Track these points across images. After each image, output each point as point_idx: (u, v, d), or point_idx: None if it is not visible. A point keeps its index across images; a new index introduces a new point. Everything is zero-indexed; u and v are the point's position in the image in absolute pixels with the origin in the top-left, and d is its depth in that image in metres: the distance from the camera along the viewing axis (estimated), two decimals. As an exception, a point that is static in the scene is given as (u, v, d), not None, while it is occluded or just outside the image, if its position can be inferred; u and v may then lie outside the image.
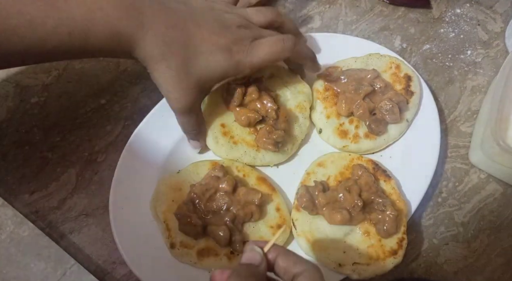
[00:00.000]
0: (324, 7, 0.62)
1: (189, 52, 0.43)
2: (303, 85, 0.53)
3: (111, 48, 0.42)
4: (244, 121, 0.49)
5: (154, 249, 0.47)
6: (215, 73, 0.44)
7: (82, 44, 0.40)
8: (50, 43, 0.39)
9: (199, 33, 0.43)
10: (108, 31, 0.40)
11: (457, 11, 0.62)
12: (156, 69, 0.43)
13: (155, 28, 0.42)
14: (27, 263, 0.46)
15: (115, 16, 0.40)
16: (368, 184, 0.47)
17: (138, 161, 0.50)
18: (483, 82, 0.58)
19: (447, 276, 0.49)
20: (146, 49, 0.42)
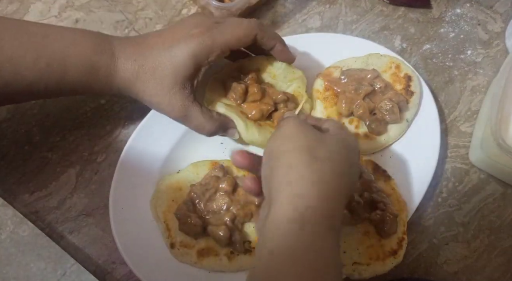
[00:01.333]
0: (324, 7, 0.62)
1: (154, 57, 0.44)
2: (292, 72, 0.51)
3: (90, 82, 0.44)
4: (256, 114, 0.49)
5: (154, 249, 0.47)
6: (184, 61, 0.44)
7: (61, 76, 0.42)
8: (29, 77, 0.41)
9: (160, 38, 0.45)
10: (84, 64, 0.43)
11: (457, 11, 0.62)
12: (137, 90, 0.45)
13: (124, 53, 0.44)
14: (27, 263, 0.46)
15: (89, 50, 0.43)
16: (368, 184, 0.47)
17: (138, 161, 0.50)
18: (483, 82, 0.58)
19: (447, 276, 0.49)
20: (121, 75, 0.44)
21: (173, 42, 0.44)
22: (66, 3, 0.60)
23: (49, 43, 0.42)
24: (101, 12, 0.60)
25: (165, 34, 0.45)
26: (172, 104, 0.45)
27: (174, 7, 0.61)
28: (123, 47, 0.45)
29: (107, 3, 0.61)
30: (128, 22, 0.60)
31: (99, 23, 0.60)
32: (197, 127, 0.46)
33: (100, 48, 0.44)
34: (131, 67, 0.44)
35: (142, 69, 0.44)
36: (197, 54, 0.43)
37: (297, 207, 0.34)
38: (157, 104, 0.45)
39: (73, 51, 0.43)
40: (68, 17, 0.60)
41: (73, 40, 0.43)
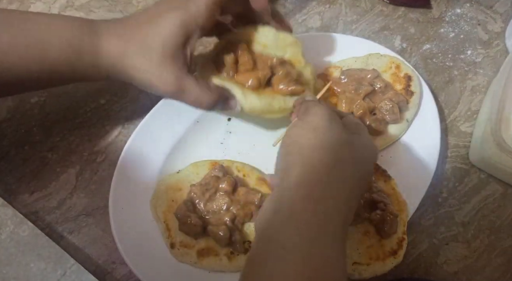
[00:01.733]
0: (324, 7, 0.62)
1: (141, 31, 0.42)
2: (283, 38, 0.48)
3: (74, 62, 0.42)
4: (254, 82, 0.45)
5: (154, 249, 0.47)
6: (173, 30, 0.41)
7: (42, 58, 0.41)
8: (8, 60, 0.40)
9: (146, 13, 0.43)
10: (65, 43, 0.41)
11: (457, 11, 0.62)
12: (126, 67, 0.42)
13: (108, 31, 0.42)
14: (27, 263, 0.46)
15: (70, 29, 0.42)
16: (368, 184, 0.47)
17: (138, 161, 0.50)
18: (483, 82, 0.58)
19: (447, 276, 0.49)
20: (107, 54, 0.42)
21: (160, 14, 0.42)
22: (66, 3, 0.60)
23: (27, 27, 0.41)
24: (101, 12, 0.60)
25: (150, 9, 0.43)
26: (164, 78, 0.42)
27: (174, 7, 0.61)
28: (107, 26, 0.43)
29: (107, 3, 0.61)
30: (128, 22, 0.60)
31: (99, 23, 0.60)
32: (195, 101, 0.44)
33: (82, 27, 0.42)
34: (117, 44, 0.42)
35: (129, 45, 0.42)
36: (184, 20, 0.41)
37: (316, 212, 0.34)
38: (149, 80, 0.42)
39: (53, 32, 0.41)
40: (68, 17, 0.60)
41: (53, 22, 0.42)
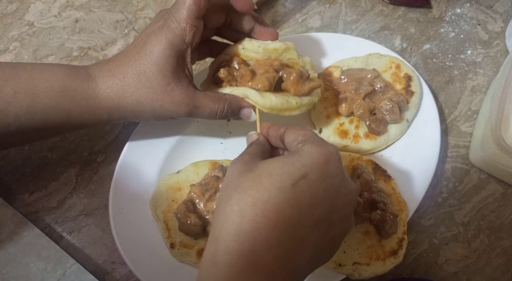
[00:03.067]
0: (324, 7, 0.62)
1: (131, 64, 0.41)
2: (274, 48, 0.45)
3: (67, 107, 0.41)
4: (265, 83, 0.44)
5: (154, 249, 0.47)
6: (164, 54, 0.41)
7: (31, 104, 0.40)
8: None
9: (131, 45, 0.43)
10: (56, 88, 0.40)
11: (457, 11, 0.62)
12: (130, 104, 0.42)
13: (100, 72, 0.42)
14: (27, 263, 0.46)
15: (61, 74, 0.41)
16: (368, 184, 0.47)
17: (138, 161, 0.50)
18: (483, 82, 0.58)
19: (447, 276, 0.49)
20: (105, 96, 0.41)
21: (144, 40, 0.42)
22: (66, 3, 0.60)
23: (16, 73, 0.40)
24: (101, 12, 0.60)
25: (134, 40, 0.43)
26: (176, 101, 0.42)
27: (174, 7, 0.61)
28: (99, 67, 0.42)
29: (107, 2, 0.61)
30: (128, 22, 0.60)
31: (99, 22, 0.60)
32: (210, 114, 0.44)
33: (73, 72, 0.42)
34: (112, 83, 0.41)
35: (125, 82, 0.41)
36: (171, 41, 0.41)
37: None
38: (160, 107, 0.42)
39: (43, 77, 0.40)
40: (68, 17, 0.60)
41: (43, 68, 0.41)
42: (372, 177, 0.48)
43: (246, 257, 0.30)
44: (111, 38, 0.59)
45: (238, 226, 0.31)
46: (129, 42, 0.59)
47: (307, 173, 0.33)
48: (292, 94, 0.45)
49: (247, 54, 0.46)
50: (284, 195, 0.32)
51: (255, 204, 0.31)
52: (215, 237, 0.32)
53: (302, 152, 0.35)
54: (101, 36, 0.59)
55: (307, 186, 0.33)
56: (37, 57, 0.58)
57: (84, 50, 0.58)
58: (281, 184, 0.32)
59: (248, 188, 0.32)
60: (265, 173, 0.33)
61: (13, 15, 0.59)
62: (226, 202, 0.33)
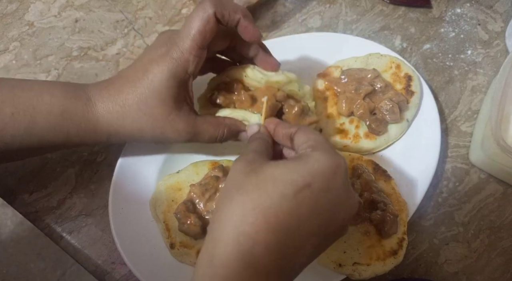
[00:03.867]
0: (324, 7, 0.62)
1: (132, 90, 0.41)
2: (277, 81, 0.45)
3: (66, 130, 0.41)
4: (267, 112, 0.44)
5: (153, 249, 0.47)
6: (165, 84, 0.40)
7: (29, 126, 0.40)
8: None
9: (132, 68, 0.42)
10: (55, 111, 0.40)
11: (457, 11, 0.62)
12: (130, 131, 0.42)
13: (100, 96, 0.41)
14: (27, 263, 0.46)
15: (60, 96, 0.41)
16: (368, 184, 0.47)
17: (138, 161, 0.50)
18: (483, 82, 0.58)
19: (447, 276, 0.49)
20: (105, 121, 0.41)
21: (146, 67, 0.41)
22: (66, 3, 0.60)
23: (15, 93, 0.40)
24: (101, 12, 0.60)
25: (136, 63, 0.42)
26: (177, 130, 0.42)
27: (174, 7, 0.61)
28: (98, 90, 0.42)
29: (107, 2, 0.61)
30: (128, 22, 0.60)
31: (99, 22, 0.60)
32: (210, 139, 0.44)
33: (73, 94, 0.41)
34: (113, 110, 0.41)
35: (126, 109, 0.41)
36: (173, 71, 0.40)
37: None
38: (161, 134, 0.42)
39: (42, 99, 0.40)
40: (67, 17, 0.60)
41: (42, 89, 0.41)
42: (372, 177, 0.48)
43: (244, 258, 0.31)
44: (111, 38, 0.59)
45: (238, 228, 0.31)
46: (129, 42, 0.59)
47: (312, 183, 0.33)
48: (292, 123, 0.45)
49: (249, 81, 0.46)
50: (286, 203, 0.32)
51: (256, 209, 0.31)
52: (214, 238, 0.32)
53: (310, 159, 0.34)
54: (101, 36, 0.59)
55: (310, 196, 0.32)
56: (37, 57, 0.58)
57: (84, 50, 0.58)
58: (284, 191, 0.32)
59: (251, 191, 0.32)
60: (269, 178, 0.33)
61: (13, 15, 0.59)
62: (227, 203, 0.33)
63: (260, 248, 0.31)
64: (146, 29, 0.60)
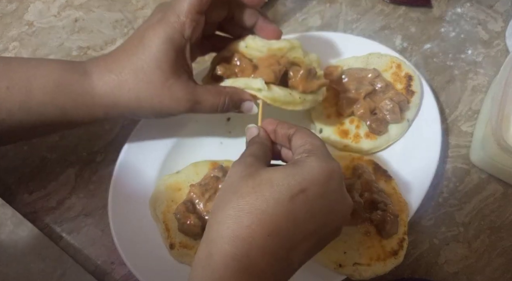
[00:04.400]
0: (324, 6, 0.62)
1: (129, 59, 0.40)
2: (279, 47, 0.44)
3: (62, 103, 0.40)
4: (270, 75, 0.43)
5: (153, 250, 0.46)
6: (162, 49, 0.39)
7: (25, 99, 0.39)
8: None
9: (129, 40, 0.41)
10: (51, 84, 0.39)
11: (457, 11, 0.62)
12: (128, 101, 0.41)
13: (97, 68, 0.41)
14: (26, 263, 0.46)
15: (57, 70, 0.40)
16: (368, 184, 0.47)
17: (137, 161, 0.50)
18: (484, 82, 0.58)
19: (447, 276, 0.49)
20: (102, 92, 0.40)
21: (142, 34, 0.40)
22: (65, 2, 0.60)
23: (10, 68, 0.39)
24: (100, 11, 0.60)
25: (132, 35, 0.42)
26: (176, 98, 0.41)
27: (173, 6, 0.61)
28: (96, 63, 0.41)
29: (107, 2, 0.61)
30: (127, 21, 0.60)
31: (98, 22, 0.60)
32: (211, 109, 0.42)
33: (69, 67, 0.40)
34: (109, 79, 0.40)
35: (122, 77, 0.40)
36: (169, 35, 0.39)
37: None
38: (159, 103, 0.41)
39: (38, 73, 0.39)
40: (67, 17, 0.60)
41: (39, 64, 0.40)
42: (373, 177, 0.48)
43: (241, 260, 0.31)
44: (110, 38, 0.59)
45: (233, 231, 0.32)
46: (129, 42, 0.59)
47: (307, 188, 0.33)
48: (300, 91, 0.44)
49: (250, 52, 0.45)
50: (281, 207, 0.32)
51: (252, 212, 0.32)
52: (211, 239, 0.32)
53: (305, 165, 0.34)
54: (101, 36, 0.59)
55: (305, 200, 0.33)
56: (37, 57, 0.57)
57: (83, 50, 0.58)
58: (280, 196, 0.32)
59: (247, 194, 0.32)
60: (266, 182, 0.33)
61: (13, 14, 0.59)
62: (223, 206, 0.33)
63: (256, 252, 0.31)
64: (145, 29, 0.59)
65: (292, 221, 0.32)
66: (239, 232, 0.31)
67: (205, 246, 0.33)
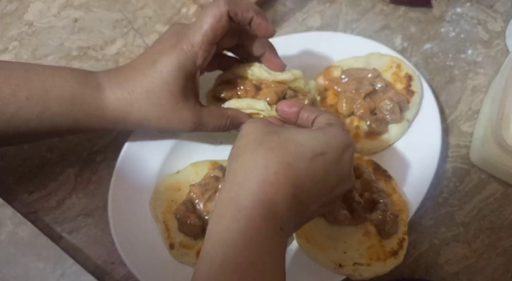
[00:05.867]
0: (324, 6, 0.62)
1: (141, 79, 0.42)
2: (283, 79, 0.47)
3: (76, 116, 0.42)
4: (272, 97, 0.46)
5: (153, 250, 0.46)
6: (174, 75, 0.42)
7: (42, 110, 0.41)
8: (7, 111, 0.40)
9: (142, 57, 0.44)
10: (67, 96, 0.41)
11: (457, 10, 0.62)
12: (137, 119, 0.43)
13: (110, 83, 0.43)
14: (26, 263, 0.46)
15: (72, 82, 0.42)
16: (368, 184, 0.47)
17: (137, 161, 0.50)
18: (484, 82, 0.58)
19: (447, 276, 0.49)
20: (113, 107, 0.42)
21: (156, 57, 0.42)
22: (65, 2, 0.60)
23: (29, 77, 0.41)
24: (100, 11, 0.60)
25: (146, 52, 0.44)
26: (183, 120, 0.43)
27: (173, 6, 0.61)
28: (108, 77, 0.43)
29: (106, 2, 0.61)
30: (127, 21, 0.60)
31: (98, 22, 0.60)
32: (213, 129, 0.46)
33: (84, 80, 0.42)
34: (121, 97, 0.42)
35: (134, 97, 0.42)
36: (182, 63, 0.42)
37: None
38: (167, 124, 0.44)
39: (55, 84, 0.41)
40: (67, 16, 0.60)
41: (55, 74, 0.42)
42: (373, 177, 0.48)
43: (267, 203, 0.33)
44: (110, 38, 0.59)
45: (263, 176, 0.34)
46: (129, 41, 0.59)
47: (327, 152, 0.36)
48: None
49: (255, 79, 0.47)
50: (303, 164, 0.35)
51: (280, 163, 0.34)
52: (236, 182, 0.35)
53: (328, 132, 0.37)
54: (101, 36, 0.59)
55: (323, 163, 0.36)
56: (36, 57, 0.57)
57: (83, 50, 0.58)
58: (303, 154, 0.35)
59: (275, 148, 0.35)
60: (291, 140, 0.36)
61: (12, 14, 0.59)
62: (249, 154, 0.35)
63: (281, 197, 0.34)
64: (145, 29, 0.59)
65: (311, 178, 0.35)
66: (267, 177, 0.34)
67: (230, 187, 0.35)
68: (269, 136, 0.36)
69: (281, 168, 0.34)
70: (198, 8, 0.60)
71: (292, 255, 0.46)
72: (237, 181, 0.35)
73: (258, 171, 0.34)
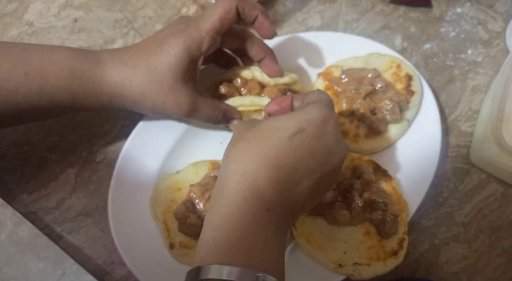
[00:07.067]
0: (324, 6, 0.62)
1: (146, 58, 0.43)
2: (282, 82, 0.50)
3: (74, 90, 0.43)
4: (278, 94, 0.48)
5: (153, 250, 0.46)
6: (179, 56, 0.43)
7: (41, 85, 0.41)
8: (5, 88, 0.40)
9: (149, 40, 0.45)
10: (65, 70, 0.42)
11: (457, 10, 0.62)
12: (134, 94, 0.44)
13: (112, 58, 0.44)
14: (26, 263, 0.46)
15: (70, 57, 0.43)
16: (368, 184, 0.47)
17: (137, 161, 0.50)
18: (484, 82, 0.58)
19: (447, 276, 0.49)
20: (112, 81, 0.43)
21: (163, 40, 0.44)
22: (65, 2, 0.60)
23: (27, 54, 0.42)
24: (100, 11, 0.60)
25: (153, 37, 0.45)
26: (178, 102, 0.44)
27: (173, 6, 0.61)
28: (111, 54, 0.44)
29: (106, 2, 0.61)
30: (127, 21, 0.60)
31: (98, 22, 0.60)
32: (205, 119, 0.47)
33: (83, 56, 0.43)
34: (122, 71, 0.43)
35: (135, 72, 0.43)
36: (188, 46, 0.43)
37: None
38: (162, 104, 0.44)
39: (53, 60, 0.42)
40: (67, 16, 0.60)
41: (53, 51, 0.43)
42: (373, 177, 0.48)
43: (250, 188, 0.35)
44: (110, 38, 0.59)
45: (244, 165, 0.36)
46: (129, 41, 0.59)
47: (304, 128, 0.37)
48: None
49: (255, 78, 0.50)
50: (282, 145, 0.36)
51: (259, 150, 0.36)
52: (222, 178, 0.37)
53: (303, 111, 0.39)
54: (101, 36, 0.59)
55: (303, 139, 0.37)
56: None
57: (83, 50, 0.58)
58: (281, 135, 0.36)
59: (251, 138, 0.37)
60: (268, 127, 0.37)
61: (12, 14, 0.59)
62: (231, 151, 0.37)
63: (263, 181, 0.35)
64: (145, 29, 0.59)
65: (292, 156, 0.36)
66: (248, 166, 0.36)
67: (218, 182, 0.37)
68: (247, 130, 0.38)
69: (261, 154, 0.36)
70: (198, 8, 0.60)
71: (292, 255, 0.46)
72: (221, 178, 0.37)
73: (239, 164, 0.36)
